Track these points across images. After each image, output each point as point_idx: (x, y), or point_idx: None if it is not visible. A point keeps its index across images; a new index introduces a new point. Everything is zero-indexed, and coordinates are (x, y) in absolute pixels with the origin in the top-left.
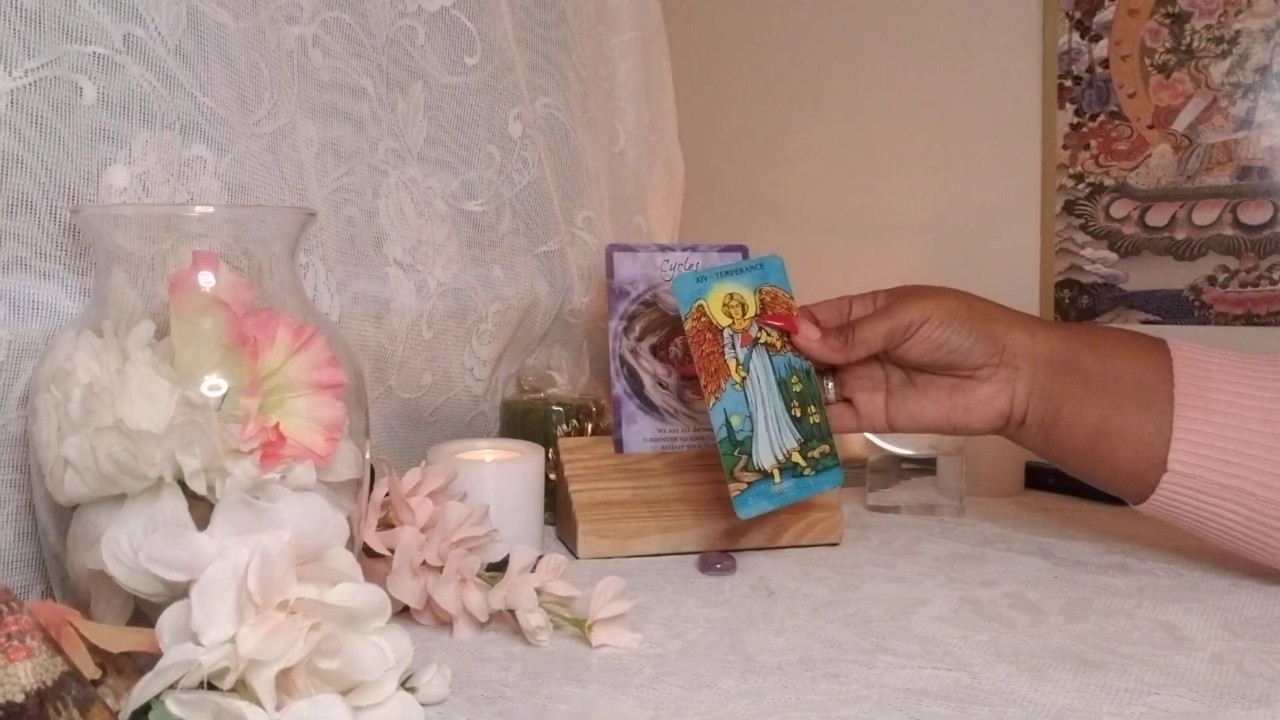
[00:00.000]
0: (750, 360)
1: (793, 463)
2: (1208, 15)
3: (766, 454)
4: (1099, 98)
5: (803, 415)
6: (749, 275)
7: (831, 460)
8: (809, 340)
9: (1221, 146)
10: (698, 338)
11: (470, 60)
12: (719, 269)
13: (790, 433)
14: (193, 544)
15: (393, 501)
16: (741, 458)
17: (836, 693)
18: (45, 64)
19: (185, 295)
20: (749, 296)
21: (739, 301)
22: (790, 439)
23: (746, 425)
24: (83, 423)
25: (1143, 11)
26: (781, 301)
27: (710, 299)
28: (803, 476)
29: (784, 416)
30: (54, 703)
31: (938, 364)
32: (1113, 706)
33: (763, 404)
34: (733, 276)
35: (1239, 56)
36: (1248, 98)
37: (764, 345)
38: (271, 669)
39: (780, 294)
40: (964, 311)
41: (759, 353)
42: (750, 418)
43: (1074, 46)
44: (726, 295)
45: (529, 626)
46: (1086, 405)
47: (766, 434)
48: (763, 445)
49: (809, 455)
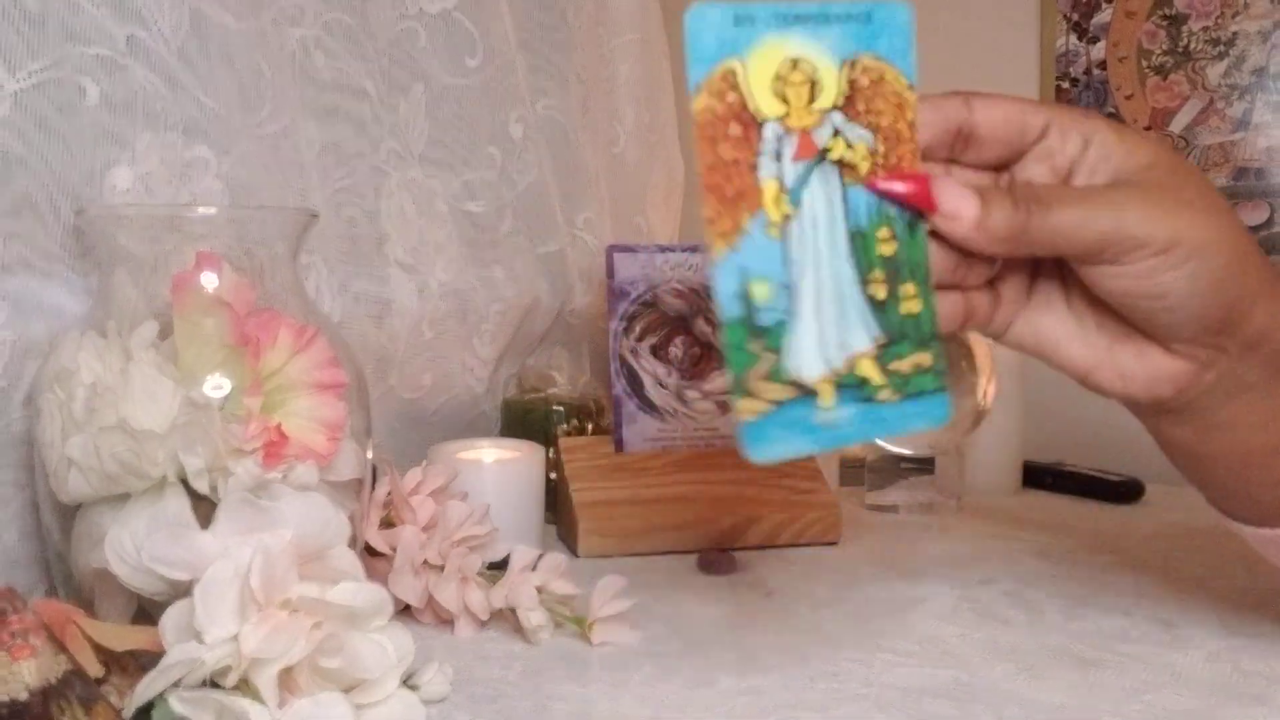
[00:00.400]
0: (806, 187)
1: (861, 378)
2: (1205, 17)
3: (812, 356)
4: (1096, 99)
5: (890, 297)
6: (839, 31)
7: (932, 379)
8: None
9: (1218, 148)
10: (710, 130)
11: (471, 62)
12: (783, 7)
13: (863, 324)
14: (195, 543)
15: (394, 501)
16: (765, 356)
17: (835, 691)
18: (49, 65)
19: (188, 296)
20: (829, 71)
21: (807, 77)
22: (861, 335)
23: (780, 300)
24: (86, 422)
25: (1140, 13)
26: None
27: (753, 62)
28: (874, 402)
29: (855, 296)
30: (58, 701)
31: (1129, 309)
32: (1110, 704)
33: (816, 268)
34: (807, 28)
35: (1236, 58)
36: (1244, 99)
37: (837, 165)
38: (274, 667)
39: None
40: (1224, 257)
41: (825, 175)
42: (789, 288)
43: (1071, 48)
44: (786, 62)
45: (530, 625)
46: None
47: (817, 321)
48: (807, 340)
49: (891, 366)
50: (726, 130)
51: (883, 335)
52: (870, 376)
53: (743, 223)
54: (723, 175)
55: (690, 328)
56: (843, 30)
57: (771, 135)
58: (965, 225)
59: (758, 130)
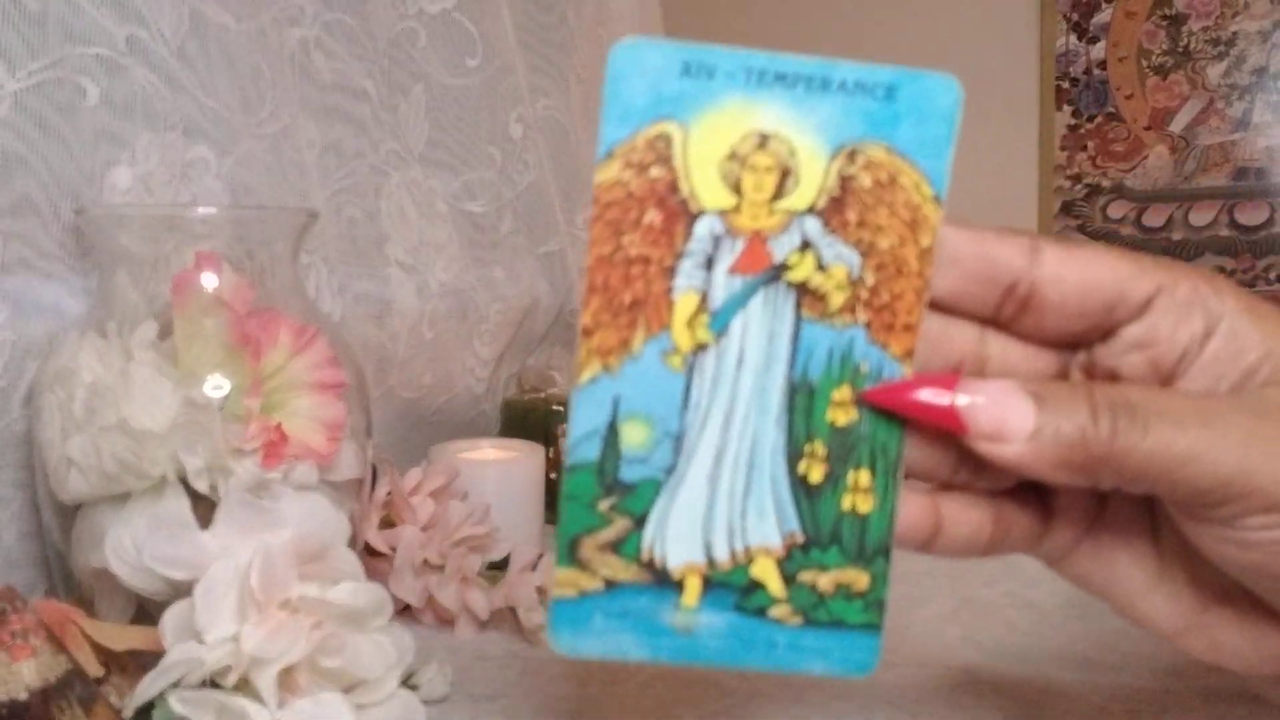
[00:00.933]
0: (741, 311)
1: (752, 579)
2: (1205, 17)
3: (687, 535)
4: (1096, 99)
5: (827, 482)
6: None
7: (861, 610)
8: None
9: (1218, 148)
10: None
11: (471, 62)
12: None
13: (776, 510)
14: (195, 543)
15: (394, 500)
16: (616, 521)
17: (836, 692)
18: (48, 65)
19: (188, 296)
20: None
21: (777, 160)
22: (770, 525)
23: (659, 453)
24: (86, 422)
25: (1140, 13)
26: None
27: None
28: (761, 619)
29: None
30: (58, 701)
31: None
32: (1114, 706)
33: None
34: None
35: (1236, 58)
36: (1244, 99)
37: (795, 289)
38: (274, 667)
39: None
40: None
41: (772, 299)
42: (677, 439)
43: (1071, 48)
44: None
45: (530, 625)
46: None
47: (709, 489)
48: (685, 511)
49: (801, 577)
50: (640, 217)
51: (801, 533)
52: (766, 583)
53: (634, 343)
54: (620, 275)
55: None
56: (848, 104)
57: (706, 234)
58: (1015, 448)
59: (686, 224)
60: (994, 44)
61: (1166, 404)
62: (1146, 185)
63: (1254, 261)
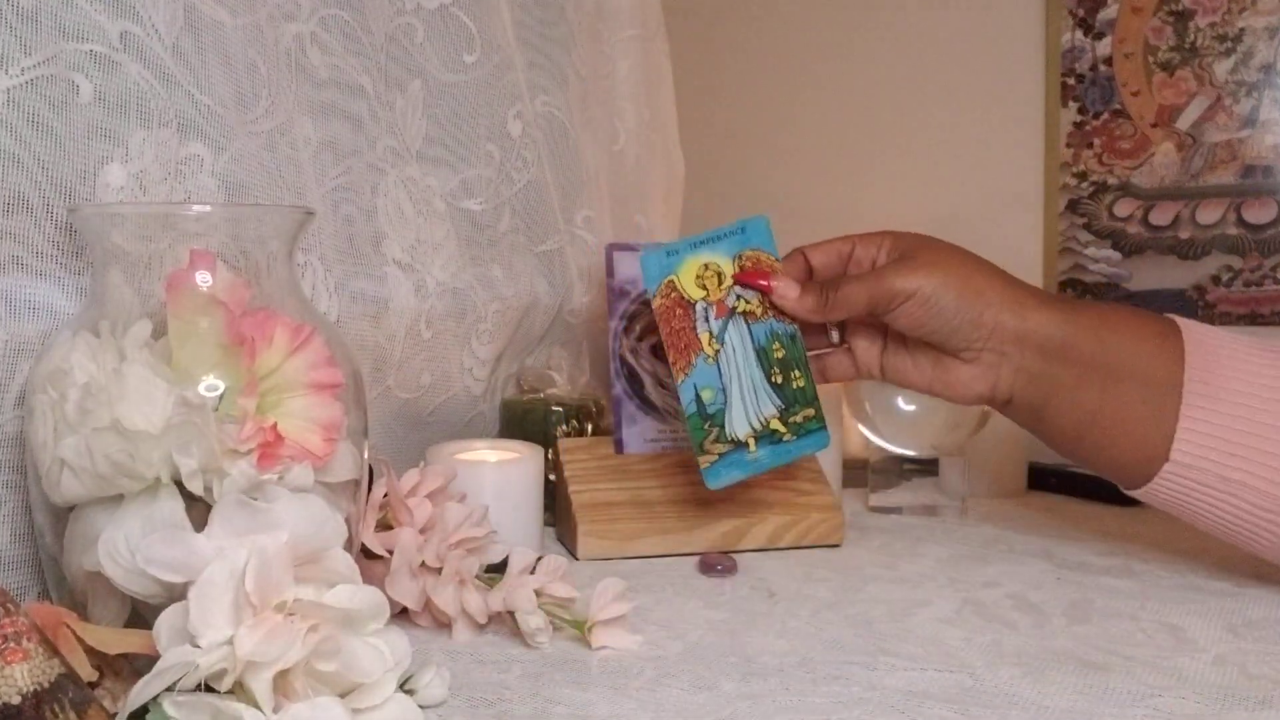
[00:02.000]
0: (725, 332)
1: (771, 430)
2: (1211, 13)
3: (741, 423)
4: (1102, 96)
5: (785, 381)
6: (728, 243)
7: (816, 423)
8: (784, 298)
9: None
10: (666, 314)
11: (469, 58)
12: (692, 239)
13: (770, 400)
14: (190, 545)
15: (391, 502)
16: (712, 430)
17: (838, 695)
18: (42, 62)
19: (182, 295)
20: (726, 264)
21: (714, 271)
22: (769, 406)
23: (719, 398)
24: (80, 423)
25: (1146, 9)
26: (764, 264)
27: (682, 273)
28: (782, 443)
29: (763, 385)
30: (50, 705)
31: (922, 339)
32: (1115, 709)
33: (738, 375)
34: (708, 246)
35: (1243, 54)
36: (1252, 96)
37: (742, 315)
38: (269, 671)
39: (763, 256)
40: (954, 290)
41: (736, 323)
42: (724, 390)
43: (1077, 44)
44: (701, 267)
45: (528, 628)
46: (1081, 392)
47: (742, 404)
48: (737, 415)
49: (790, 420)
50: (675, 314)
51: (783, 404)
52: (778, 429)
53: (693, 360)
54: (675, 338)
55: None
56: (729, 241)
57: (700, 309)
58: (790, 302)
59: (692, 309)
60: (999, 40)
61: (847, 278)
62: (1153, 183)
63: (1261, 260)
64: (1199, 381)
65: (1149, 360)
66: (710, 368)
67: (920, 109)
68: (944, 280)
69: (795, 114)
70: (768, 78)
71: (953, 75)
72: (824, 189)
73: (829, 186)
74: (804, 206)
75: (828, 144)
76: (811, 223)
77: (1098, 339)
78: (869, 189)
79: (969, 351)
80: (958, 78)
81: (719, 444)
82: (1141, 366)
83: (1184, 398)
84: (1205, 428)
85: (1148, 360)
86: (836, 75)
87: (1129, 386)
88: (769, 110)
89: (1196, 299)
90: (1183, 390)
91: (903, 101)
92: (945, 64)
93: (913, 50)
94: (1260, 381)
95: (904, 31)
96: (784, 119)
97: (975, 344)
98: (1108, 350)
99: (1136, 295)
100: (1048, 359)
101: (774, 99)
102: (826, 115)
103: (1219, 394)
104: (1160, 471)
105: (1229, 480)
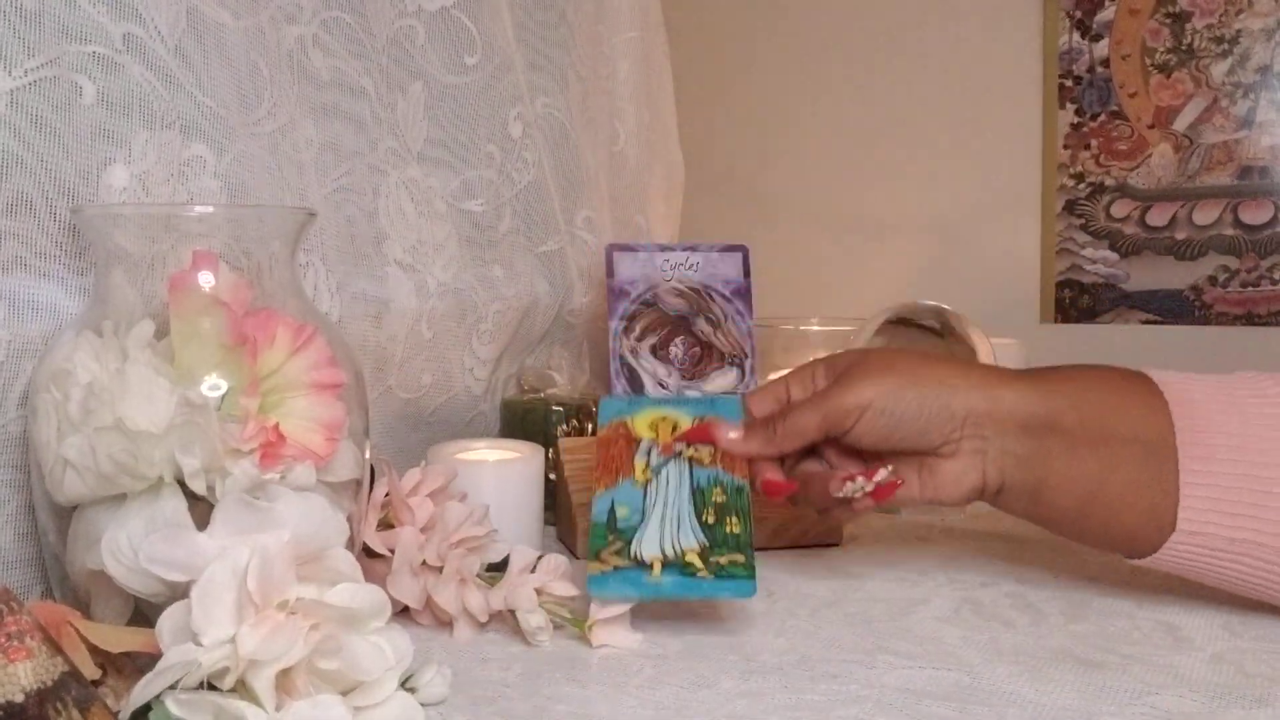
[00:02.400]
0: (665, 467)
1: (686, 562)
2: (1208, 15)
3: (652, 546)
4: (1100, 97)
5: (717, 522)
6: (692, 406)
7: (743, 570)
8: (728, 440)
9: (1222, 146)
10: (606, 441)
11: (470, 60)
12: (657, 398)
13: (693, 535)
14: (192, 544)
15: (393, 502)
16: (616, 543)
17: (836, 693)
18: (45, 63)
19: (185, 295)
20: (685, 421)
21: (671, 423)
22: (691, 540)
23: (635, 517)
24: (83, 423)
25: (1143, 11)
26: None
27: (637, 418)
28: (694, 578)
29: (689, 519)
30: (54, 703)
31: (895, 449)
32: (1113, 707)
33: (665, 504)
34: (672, 405)
35: (1240, 56)
36: (1249, 97)
37: (689, 460)
38: (271, 669)
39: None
40: (910, 389)
41: (678, 462)
42: (643, 513)
43: (1075, 46)
44: (658, 417)
45: (529, 627)
46: (1076, 464)
47: (660, 529)
48: (649, 537)
49: (711, 560)
50: (616, 442)
51: (707, 542)
52: (694, 564)
53: (618, 480)
54: (611, 460)
55: (691, 327)
56: (694, 405)
57: (645, 446)
58: (736, 444)
59: (635, 444)
60: (997, 42)
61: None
62: (1150, 184)
63: (1258, 261)
64: (1190, 443)
65: (1139, 422)
66: (635, 491)
67: (918, 111)
68: (897, 383)
69: (795, 116)
70: (767, 79)
71: (951, 77)
72: (823, 190)
73: (828, 187)
74: (802, 208)
75: (827, 145)
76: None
77: (1079, 406)
78: (867, 190)
79: (948, 445)
80: (956, 79)
81: (618, 557)
82: (1131, 428)
83: (1180, 460)
84: (1205, 491)
85: (1136, 422)
86: (836, 77)
87: (1125, 451)
88: (769, 111)
89: (1193, 299)
90: (1177, 452)
91: (901, 103)
92: (943, 66)
93: (911, 52)
94: (1250, 433)
95: (902, 34)
96: (783, 121)
97: (952, 436)
98: (1093, 415)
99: (1134, 296)
100: (1033, 435)
101: (774, 101)
102: (826, 117)
103: (1215, 453)
104: (1168, 541)
105: (1236, 541)
